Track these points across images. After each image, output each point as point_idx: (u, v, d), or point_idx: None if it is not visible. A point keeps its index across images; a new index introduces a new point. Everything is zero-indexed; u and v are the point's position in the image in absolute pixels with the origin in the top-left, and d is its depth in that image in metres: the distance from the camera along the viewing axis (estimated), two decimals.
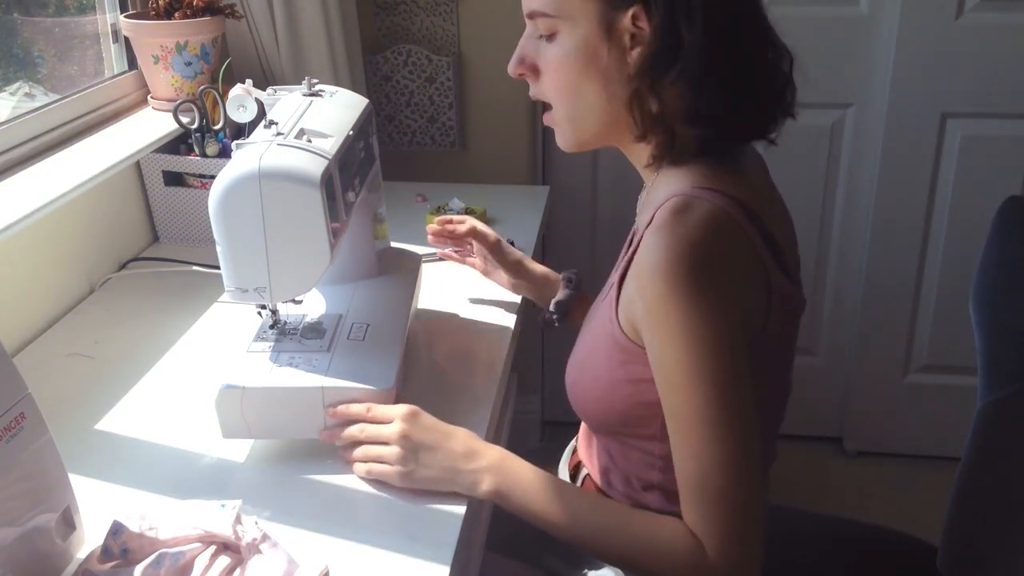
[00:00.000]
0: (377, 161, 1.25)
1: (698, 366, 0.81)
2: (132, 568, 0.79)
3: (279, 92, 1.17)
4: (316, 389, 0.97)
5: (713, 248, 0.82)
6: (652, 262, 0.82)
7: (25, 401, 0.78)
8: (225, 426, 0.98)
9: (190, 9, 1.57)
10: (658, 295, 0.82)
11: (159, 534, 0.81)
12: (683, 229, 0.82)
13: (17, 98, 1.47)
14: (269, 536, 0.82)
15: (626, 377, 0.92)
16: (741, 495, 0.84)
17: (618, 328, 0.91)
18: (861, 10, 2.00)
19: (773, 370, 0.95)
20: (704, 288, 0.81)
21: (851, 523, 1.35)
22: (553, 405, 2.41)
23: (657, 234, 0.83)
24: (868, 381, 2.28)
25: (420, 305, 1.32)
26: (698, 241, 0.82)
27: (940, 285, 2.16)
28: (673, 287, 0.81)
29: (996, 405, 1.14)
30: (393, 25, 2.02)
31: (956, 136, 2.04)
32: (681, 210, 0.84)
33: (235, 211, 0.92)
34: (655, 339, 0.84)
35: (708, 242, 0.82)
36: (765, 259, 0.87)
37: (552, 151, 2.16)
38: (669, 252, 0.81)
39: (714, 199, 0.85)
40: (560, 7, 0.90)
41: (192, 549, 0.80)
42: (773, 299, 0.88)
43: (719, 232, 0.83)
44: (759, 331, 0.87)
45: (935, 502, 1.72)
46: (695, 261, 0.81)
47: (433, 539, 0.87)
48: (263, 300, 0.97)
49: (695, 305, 0.81)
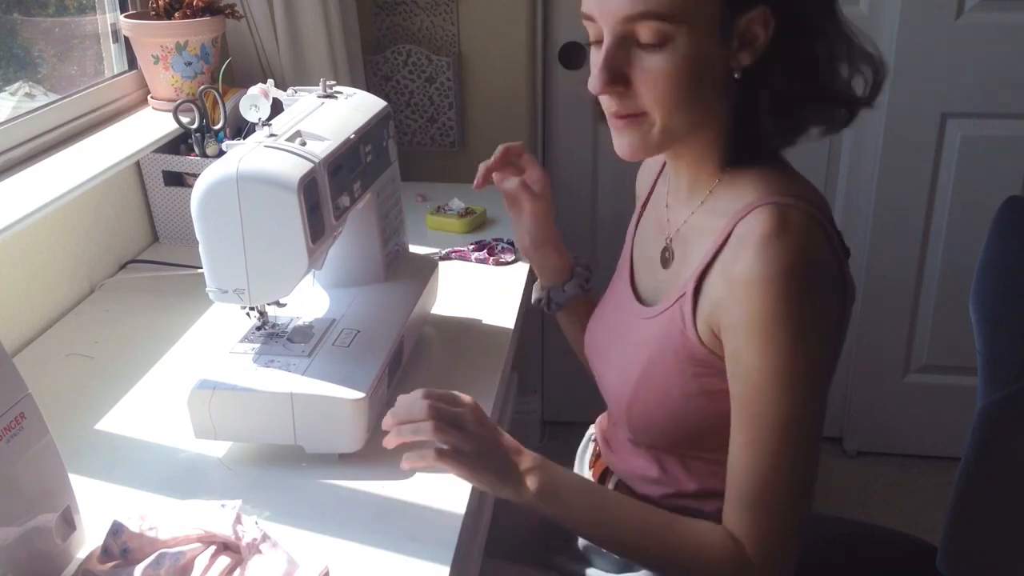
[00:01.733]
0: (393, 164, 1.23)
1: (795, 374, 0.83)
2: (132, 568, 0.79)
3: (299, 92, 1.17)
4: (285, 395, 0.95)
5: (817, 259, 0.84)
6: (761, 274, 0.82)
7: (25, 401, 0.78)
8: (196, 427, 0.98)
9: (190, 9, 1.57)
10: (769, 305, 0.82)
11: (159, 534, 0.81)
12: (790, 240, 0.83)
13: (17, 98, 1.47)
14: (269, 536, 0.82)
15: (700, 390, 0.91)
16: (800, 506, 0.86)
17: (695, 339, 0.90)
18: (861, 10, 2.00)
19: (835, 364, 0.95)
20: (814, 301, 0.83)
21: (851, 523, 1.35)
22: (553, 405, 2.41)
23: (763, 246, 0.83)
24: (868, 381, 2.28)
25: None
26: (806, 253, 0.83)
27: (940, 285, 2.16)
28: (787, 299, 0.81)
29: (996, 405, 1.14)
30: (393, 25, 2.02)
31: (956, 136, 2.04)
32: (782, 220, 0.84)
33: (214, 213, 0.92)
34: (751, 345, 0.84)
35: (813, 253, 0.84)
36: (842, 260, 0.89)
37: (552, 151, 2.16)
38: (780, 263, 0.82)
39: (805, 207, 0.85)
40: (680, 9, 0.81)
41: (192, 549, 0.80)
42: (847, 299, 0.89)
43: (818, 242, 0.85)
44: (838, 322, 0.89)
45: (935, 502, 1.72)
46: (807, 274, 0.82)
47: (433, 539, 0.87)
48: (242, 302, 0.97)
49: (806, 318, 0.82)
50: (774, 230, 0.83)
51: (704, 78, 0.85)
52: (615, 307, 1.07)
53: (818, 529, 1.32)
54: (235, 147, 0.95)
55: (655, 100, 0.85)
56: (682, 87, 0.84)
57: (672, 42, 0.82)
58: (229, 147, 0.96)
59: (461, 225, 1.60)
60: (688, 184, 0.97)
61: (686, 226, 0.97)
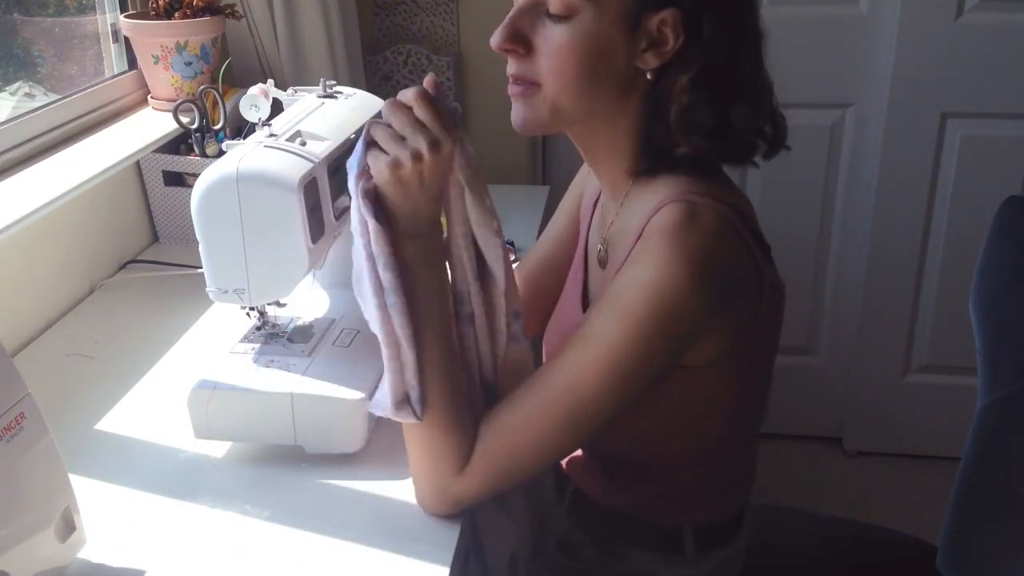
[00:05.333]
0: None
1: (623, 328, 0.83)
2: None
3: (299, 92, 1.16)
4: (285, 395, 0.95)
5: (718, 257, 0.84)
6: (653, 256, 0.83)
7: (25, 401, 0.78)
8: (197, 427, 0.98)
9: (190, 9, 1.57)
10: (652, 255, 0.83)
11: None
12: (694, 234, 0.83)
13: (17, 98, 1.47)
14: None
15: None
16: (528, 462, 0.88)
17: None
18: (861, 10, 2.00)
19: (760, 359, 0.96)
20: (683, 299, 0.82)
21: (851, 523, 1.35)
22: None
23: (665, 237, 0.83)
24: (868, 381, 2.28)
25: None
26: (706, 250, 0.83)
27: (940, 285, 2.16)
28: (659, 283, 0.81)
29: (996, 405, 1.14)
30: (393, 25, 2.02)
31: (956, 136, 2.04)
32: (690, 215, 0.84)
33: (214, 212, 0.92)
34: (599, 309, 0.85)
35: (716, 252, 0.84)
36: (758, 258, 0.88)
37: (552, 151, 2.16)
38: (676, 253, 0.82)
39: (715, 206, 0.85)
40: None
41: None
42: (765, 291, 0.89)
43: (724, 240, 0.85)
44: (749, 322, 0.89)
45: (935, 502, 1.72)
46: (697, 271, 0.82)
47: (433, 539, 0.87)
48: (242, 302, 0.96)
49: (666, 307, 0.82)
50: (679, 224, 0.84)
51: (602, 64, 0.86)
52: (562, 307, 1.09)
53: (818, 529, 1.32)
54: (235, 147, 0.95)
55: (549, 71, 0.87)
56: (577, 64, 0.86)
57: (576, 16, 0.84)
58: (229, 147, 0.96)
59: None
60: (609, 186, 0.98)
61: (612, 227, 0.98)
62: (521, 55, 0.88)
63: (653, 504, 1.02)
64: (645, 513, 1.03)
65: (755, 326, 0.89)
